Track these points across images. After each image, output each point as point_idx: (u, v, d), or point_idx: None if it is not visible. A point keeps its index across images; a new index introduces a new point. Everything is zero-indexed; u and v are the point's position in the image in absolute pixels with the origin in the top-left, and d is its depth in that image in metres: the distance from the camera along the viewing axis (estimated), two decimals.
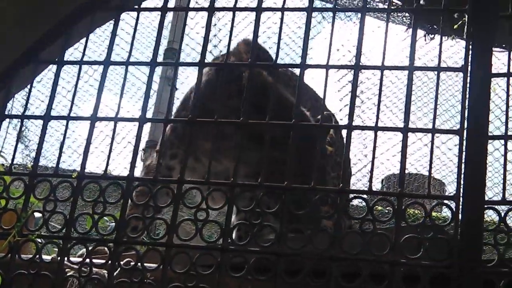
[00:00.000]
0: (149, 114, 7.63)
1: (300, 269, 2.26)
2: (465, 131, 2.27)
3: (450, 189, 8.59)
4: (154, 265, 2.40)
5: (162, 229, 6.03)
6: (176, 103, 5.07)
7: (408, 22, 6.98)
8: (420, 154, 9.77)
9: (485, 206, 2.23)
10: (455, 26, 3.78)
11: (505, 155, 2.31)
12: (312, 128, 2.67)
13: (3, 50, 2.82)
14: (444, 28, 4.29)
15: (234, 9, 2.56)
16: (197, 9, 2.74)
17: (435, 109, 2.38)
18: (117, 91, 9.47)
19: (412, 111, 4.21)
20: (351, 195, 2.40)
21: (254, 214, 2.37)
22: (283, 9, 2.54)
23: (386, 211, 4.39)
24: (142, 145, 6.80)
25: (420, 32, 5.87)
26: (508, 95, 2.35)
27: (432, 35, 6.40)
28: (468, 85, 2.32)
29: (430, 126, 2.33)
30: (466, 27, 2.36)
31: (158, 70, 8.21)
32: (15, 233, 2.47)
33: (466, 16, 2.37)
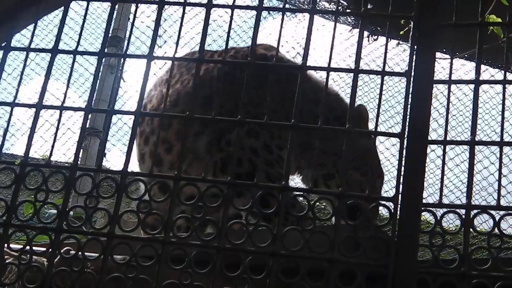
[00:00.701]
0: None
1: (240, 264, 2.30)
2: (406, 135, 2.32)
3: (387, 187, 8.72)
4: (95, 255, 2.41)
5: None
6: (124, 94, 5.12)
7: (353, 23, 7.08)
8: None
9: (423, 208, 2.29)
10: (402, 32, 3.85)
11: (443, 160, 2.38)
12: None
13: None
14: (390, 33, 4.37)
15: (185, 4, 2.58)
16: (148, 2, 2.73)
17: (378, 112, 2.43)
18: (64, 80, 9.37)
19: None
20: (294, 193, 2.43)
21: (196, 208, 2.40)
22: (233, 7, 2.57)
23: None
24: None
25: (364, 33, 5.92)
26: (448, 102, 2.42)
27: (376, 36, 6.50)
28: (411, 90, 2.37)
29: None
30: (411, 33, 2.42)
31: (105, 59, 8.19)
32: None
33: (412, 23, 2.42)
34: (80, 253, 2.41)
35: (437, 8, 2.42)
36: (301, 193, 2.43)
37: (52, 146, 2.66)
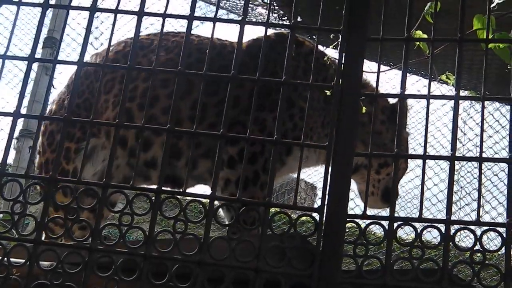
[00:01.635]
0: (25, 102, 7.52)
1: (166, 272, 2.31)
2: (332, 147, 2.37)
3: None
4: (21, 261, 2.40)
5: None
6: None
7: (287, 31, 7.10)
8: None
9: (347, 219, 2.33)
10: (332, 46, 3.91)
11: (368, 172, 2.43)
12: None
13: None
14: (323, 43, 4.43)
15: (116, 11, 2.58)
16: (79, 8, 2.72)
17: (305, 124, 2.47)
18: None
19: None
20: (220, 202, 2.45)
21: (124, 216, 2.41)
22: (164, 15, 2.58)
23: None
24: (16, 134, 6.68)
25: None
26: (376, 114, 2.47)
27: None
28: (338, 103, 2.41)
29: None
30: (339, 46, 2.46)
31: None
32: None
33: (340, 37, 2.46)
34: (5, 258, 2.39)
35: (365, 23, 2.47)
36: (224, 202, 2.45)
37: None
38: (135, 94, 4.79)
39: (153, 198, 2.41)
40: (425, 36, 3.04)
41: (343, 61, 2.44)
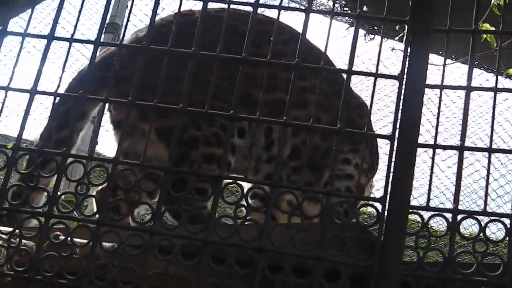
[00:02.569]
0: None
1: (226, 257, 2.32)
2: (396, 137, 2.35)
3: (378, 186, 8.70)
4: (84, 241, 2.43)
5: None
6: None
7: (351, 21, 7.09)
8: None
9: (410, 210, 2.31)
10: (396, 38, 3.88)
11: (432, 164, 2.40)
12: None
13: None
14: (386, 34, 4.39)
15: None
16: None
17: (370, 113, 2.46)
18: (60, 64, 9.32)
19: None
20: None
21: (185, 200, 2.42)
22: (229, 2, 2.59)
23: None
24: None
25: (360, 32, 5.98)
26: (439, 107, 2.44)
27: (373, 36, 6.51)
28: (403, 93, 2.39)
29: None
30: (405, 37, 2.44)
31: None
32: None
33: (406, 27, 2.44)
34: (69, 238, 2.43)
35: (431, 13, 2.45)
36: (289, 189, 2.44)
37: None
38: None
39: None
40: (493, 28, 3.00)
41: (408, 53, 2.42)
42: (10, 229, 2.54)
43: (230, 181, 2.47)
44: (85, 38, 2.84)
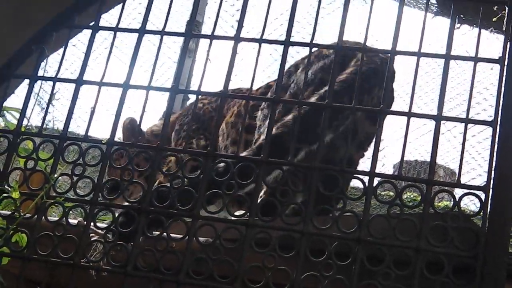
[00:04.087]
0: (168, 85, 7.64)
1: (324, 249, 2.28)
2: (498, 123, 2.27)
3: (464, 179, 8.49)
4: (179, 236, 2.42)
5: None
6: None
7: (435, 10, 6.96)
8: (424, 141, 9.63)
9: None
10: (494, 19, 3.77)
11: None
12: None
13: (38, 12, 2.83)
14: (482, 20, 4.28)
15: None
16: None
17: (470, 99, 2.38)
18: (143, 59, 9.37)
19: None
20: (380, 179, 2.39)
21: (281, 192, 2.39)
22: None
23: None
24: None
25: (447, 21, 5.87)
26: None
27: (459, 24, 6.39)
28: (504, 77, 2.31)
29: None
30: (506, 20, 2.35)
31: (180, 41, 8.19)
32: (43, 194, 2.48)
33: (507, 9, 2.36)
34: (164, 233, 2.42)
35: None
36: (388, 179, 2.39)
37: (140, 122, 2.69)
38: None
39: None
40: None
41: (510, 34, 2.34)
42: (105, 225, 2.55)
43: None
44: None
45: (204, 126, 5.18)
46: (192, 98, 7.01)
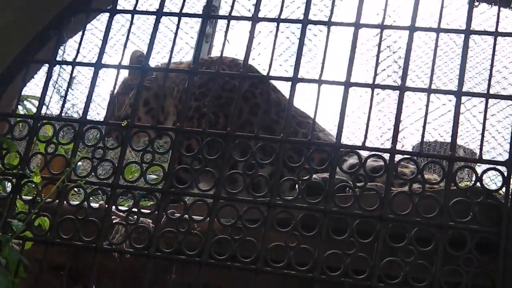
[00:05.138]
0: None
1: (346, 227, 2.27)
2: None
3: (497, 152, 8.42)
4: (201, 217, 2.42)
5: None
6: None
7: None
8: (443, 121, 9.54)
9: None
10: None
11: None
12: None
13: None
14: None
15: None
16: None
17: (490, 75, 2.36)
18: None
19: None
20: (401, 156, 2.37)
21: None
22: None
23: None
24: None
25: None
26: None
27: (478, 3, 6.36)
28: None
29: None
30: None
31: (196, 27, 8.16)
32: (64, 178, 2.49)
33: None
34: (186, 214, 2.42)
35: None
36: (409, 156, 2.38)
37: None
38: None
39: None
40: None
41: None
42: (126, 208, 2.56)
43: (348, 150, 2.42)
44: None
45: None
46: None
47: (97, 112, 8.60)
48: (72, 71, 2.76)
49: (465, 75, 2.37)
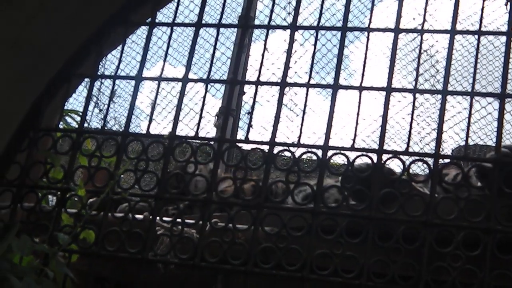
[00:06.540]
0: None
1: (391, 233, 2.26)
2: None
3: None
4: (245, 226, 2.42)
5: None
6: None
7: None
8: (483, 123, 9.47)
9: None
10: None
11: None
12: None
13: (94, 11, 2.84)
14: None
15: None
16: None
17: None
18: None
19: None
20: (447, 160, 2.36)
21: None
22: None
23: None
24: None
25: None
26: None
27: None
28: None
29: None
30: None
31: (232, 37, 8.13)
32: (108, 191, 2.50)
33: None
34: (230, 224, 2.42)
35: None
36: (455, 160, 2.37)
37: (199, 119, 2.69)
38: None
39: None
40: None
41: None
42: (170, 218, 2.56)
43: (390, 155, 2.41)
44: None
45: None
46: (248, 92, 6.94)
47: (136, 125, 8.64)
48: (113, 85, 2.78)
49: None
